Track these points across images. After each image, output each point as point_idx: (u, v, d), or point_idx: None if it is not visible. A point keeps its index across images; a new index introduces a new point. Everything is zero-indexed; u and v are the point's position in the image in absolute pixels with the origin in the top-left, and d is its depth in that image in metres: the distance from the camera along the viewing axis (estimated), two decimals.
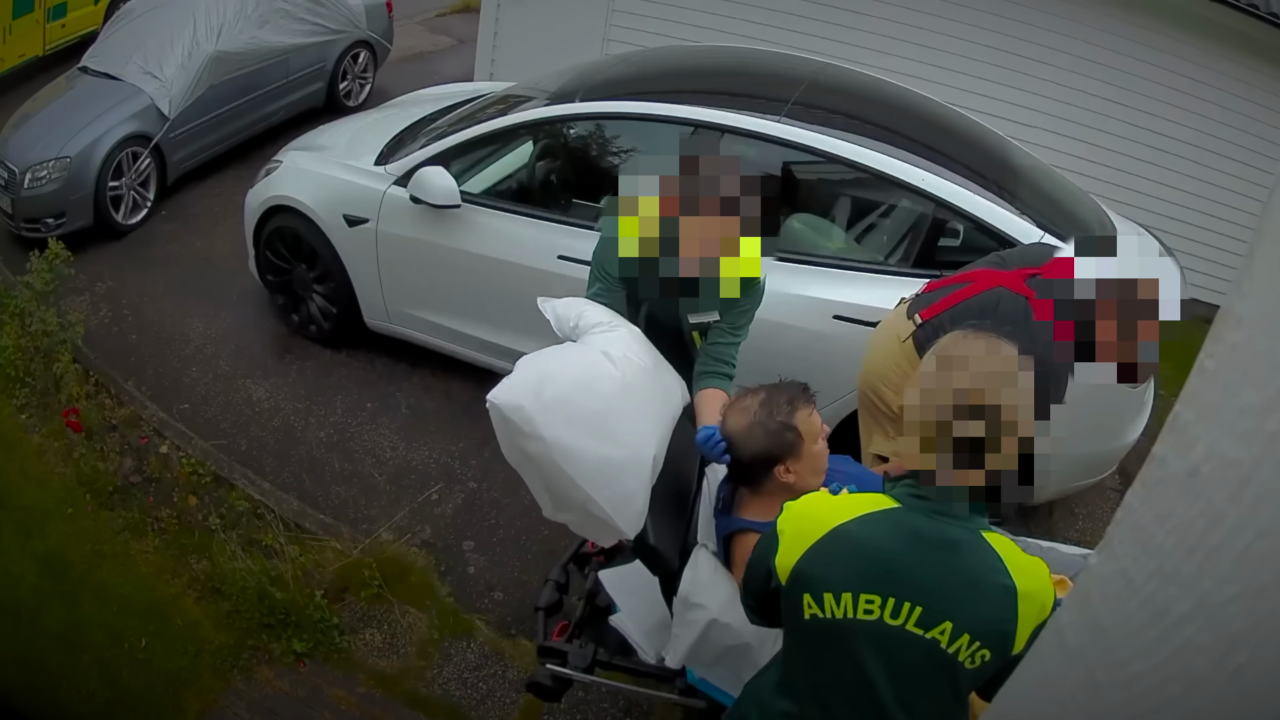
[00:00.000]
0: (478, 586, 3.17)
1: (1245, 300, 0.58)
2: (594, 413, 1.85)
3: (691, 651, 1.94)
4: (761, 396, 1.91)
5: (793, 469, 1.88)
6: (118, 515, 3.31)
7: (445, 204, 3.48)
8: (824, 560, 1.42)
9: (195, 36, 5.18)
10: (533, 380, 1.83)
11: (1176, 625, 0.61)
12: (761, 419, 1.87)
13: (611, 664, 2.26)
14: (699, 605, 1.90)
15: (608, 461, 1.83)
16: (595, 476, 1.81)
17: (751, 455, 1.90)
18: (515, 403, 1.78)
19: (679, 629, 1.95)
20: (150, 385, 3.93)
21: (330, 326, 4.10)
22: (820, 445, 1.91)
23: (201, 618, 2.98)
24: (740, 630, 1.86)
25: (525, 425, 1.77)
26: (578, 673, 2.22)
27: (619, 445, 1.86)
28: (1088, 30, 5.25)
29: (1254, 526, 0.55)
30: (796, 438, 1.86)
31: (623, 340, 2.09)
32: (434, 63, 7.55)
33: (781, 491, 1.88)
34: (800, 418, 1.87)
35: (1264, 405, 0.54)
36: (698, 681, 2.09)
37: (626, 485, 1.85)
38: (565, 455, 1.79)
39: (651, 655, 2.16)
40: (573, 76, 3.79)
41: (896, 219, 3.27)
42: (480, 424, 3.83)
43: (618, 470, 1.85)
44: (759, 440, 1.87)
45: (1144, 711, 0.65)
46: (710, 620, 1.88)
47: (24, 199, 4.61)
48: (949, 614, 1.36)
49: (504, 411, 1.78)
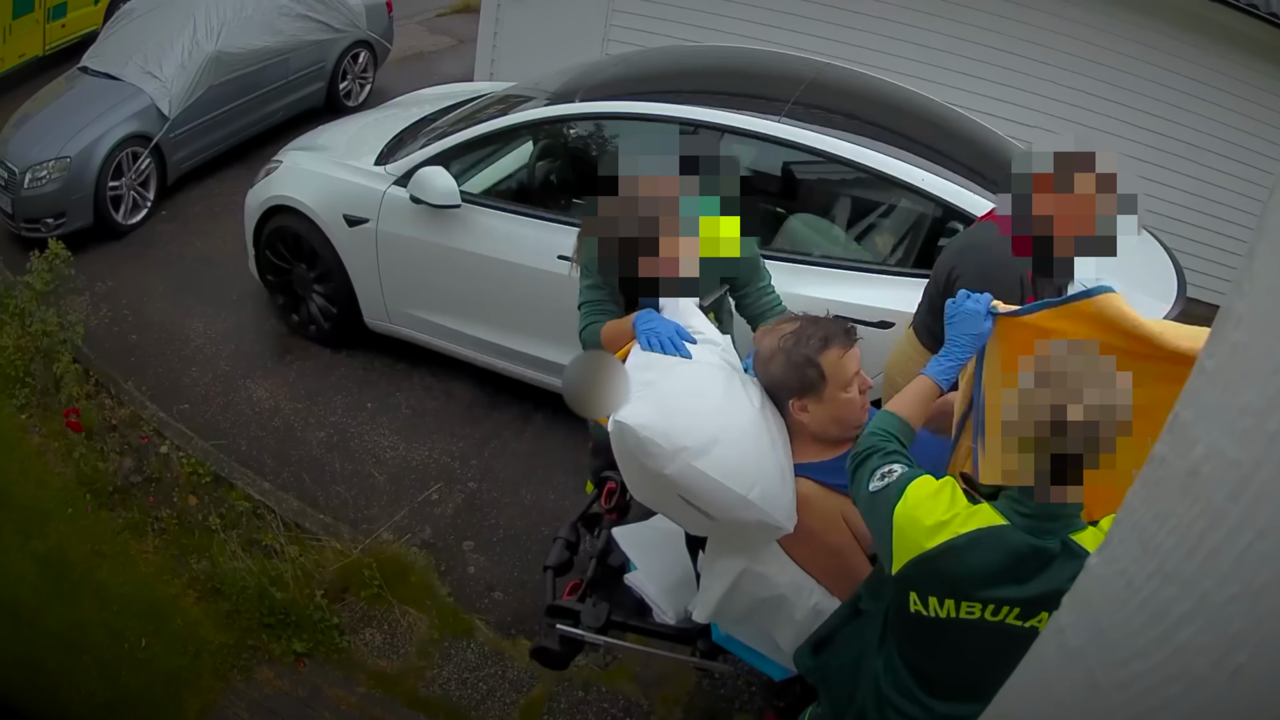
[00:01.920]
0: (478, 586, 3.17)
1: (1245, 300, 0.58)
2: (714, 412, 1.74)
3: (722, 604, 1.84)
4: (797, 325, 1.82)
5: (810, 409, 1.79)
6: (118, 515, 3.31)
7: (445, 204, 3.48)
8: (929, 572, 1.48)
9: (195, 36, 5.18)
10: (653, 395, 1.72)
11: (1176, 625, 0.61)
12: (787, 347, 1.78)
13: (627, 625, 2.14)
14: (731, 553, 1.80)
15: (743, 458, 1.70)
16: (740, 476, 1.68)
17: (769, 381, 1.81)
18: (645, 420, 1.65)
19: (709, 579, 1.86)
20: (150, 385, 3.93)
21: (330, 326, 4.10)
22: (850, 394, 1.79)
23: (201, 618, 2.98)
24: (775, 580, 1.77)
25: (662, 441, 1.64)
26: (591, 633, 2.09)
27: (745, 438, 1.73)
28: (1088, 30, 5.25)
29: (1254, 526, 0.55)
30: (819, 377, 1.76)
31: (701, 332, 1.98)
32: (434, 63, 7.55)
33: (798, 431, 1.80)
34: (829, 358, 1.76)
35: (1264, 405, 0.54)
36: (723, 639, 1.98)
37: (768, 475, 1.72)
38: (707, 464, 1.66)
39: (671, 615, 2.06)
40: (573, 76, 3.79)
41: (896, 219, 3.27)
42: (480, 424, 3.87)
43: (754, 464, 1.71)
44: (778, 368, 1.79)
45: (1144, 711, 0.65)
46: (743, 570, 1.78)
47: (24, 199, 4.61)
48: (1047, 608, 1.40)
49: (636, 432, 1.64)
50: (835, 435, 1.81)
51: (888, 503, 1.49)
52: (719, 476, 1.65)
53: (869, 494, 1.53)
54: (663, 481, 1.69)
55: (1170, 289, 3.34)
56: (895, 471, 1.52)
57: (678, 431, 1.65)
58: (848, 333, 1.80)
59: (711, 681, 2.88)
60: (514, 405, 3.89)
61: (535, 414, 3.85)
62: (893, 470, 1.53)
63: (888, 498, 1.50)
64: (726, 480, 1.66)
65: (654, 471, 1.67)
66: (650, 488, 1.76)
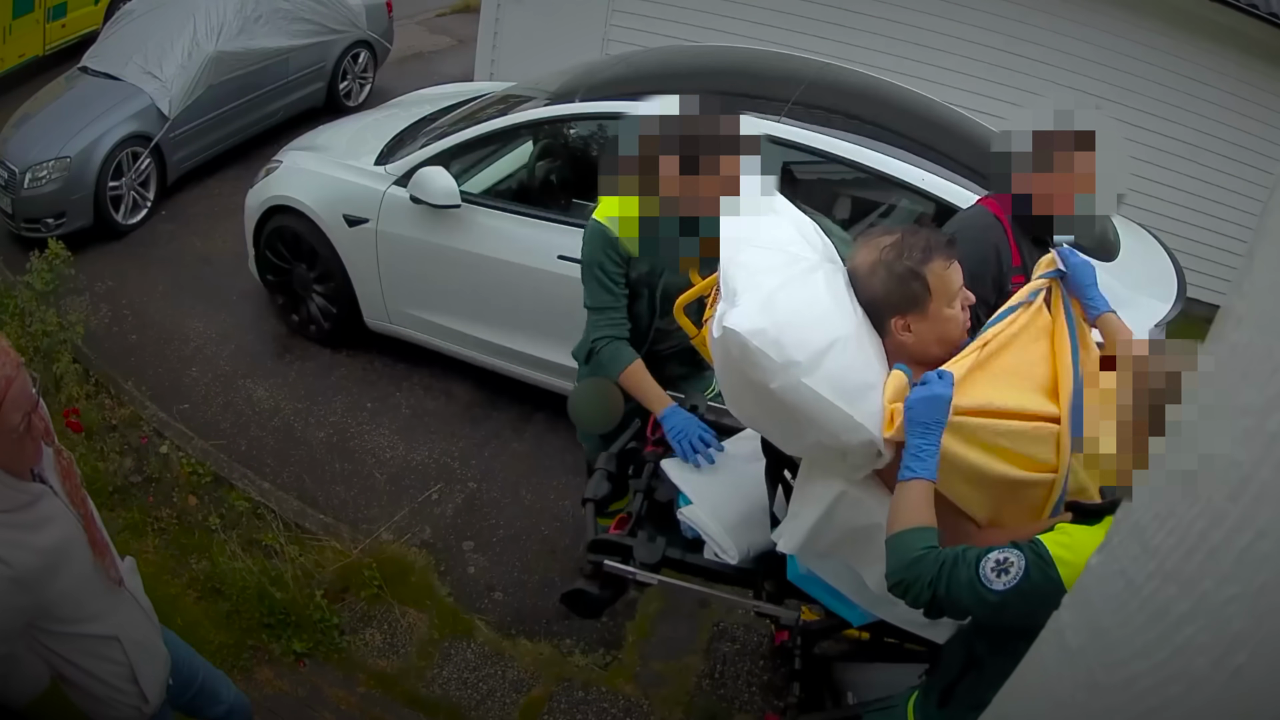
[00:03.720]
0: (478, 586, 3.17)
1: (1245, 300, 0.58)
2: (823, 321, 1.57)
3: (811, 533, 1.68)
4: (896, 236, 1.66)
5: (913, 327, 1.65)
6: (118, 515, 3.30)
7: (445, 204, 3.48)
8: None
9: (195, 36, 5.18)
10: (761, 297, 1.54)
11: (1176, 625, 0.61)
12: (888, 259, 1.63)
13: (685, 562, 1.96)
14: (828, 475, 1.65)
15: (852, 375, 1.55)
16: (849, 394, 1.52)
17: (869, 298, 1.66)
18: (755, 326, 1.49)
19: (800, 504, 1.71)
20: (150, 385, 3.93)
21: (330, 326, 4.10)
22: (955, 310, 1.65)
23: (201, 618, 2.97)
24: (872, 507, 1.62)
25: (773, 352, 1.49)
26: (644, 571, 1.92)
27: (854, 352, 1.59)
28: (1087, 30, 5.26)
29: (1254, 526, 0.55)
30: (923, 290, 1.62)
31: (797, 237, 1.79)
32: (434, 63, 7.55)
33: (898, 352, 1.66)
34: (934, 269, 1.61)
35: (1264, 405, 0.54)
36: (801, 578, 1.82)
37: (875, 395, 1.57)
38: (817, 380, 1.50)
39: (733, 554, 1.90)
40: (573, 76, 3.79)
41: (896, 219, 3.27)
42: (480, 424, 3.87)
43: (863, 381, 1.57)
44: (880, 282, 1.64)
45: (1144, 711, 0.65)
46: (840, 493, 1.63)
47: (24, 199, 4.61)
48: None
49: (745, 341, 1.49)
50: (936, 356, 1.65)
51: (1042, 585, 1.30)
52: (829, 394, 1.50)
53: (997, 595, 1.34)
54: (765, 396, 1.54)
55: (1170, 289, 3.34)
56: (1009, 559, 1.34)
57: (790, 342, 1.50)
58: (950, 243, 1.66)
59: (711, 681, 2.88)
60: (514, 405, 3.89)
61: (535, 414, 3.85)
62: (1007, 559, 1.35)
63: (1038, 582, 1.31)
64: (835, 399, 1.51)
65: (758, 385, 1.53)
66: (749, 401, 1.62)
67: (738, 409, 1.70)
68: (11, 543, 1.45)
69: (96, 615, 1.62)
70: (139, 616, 1.75)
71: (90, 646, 1.62)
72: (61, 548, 1.53)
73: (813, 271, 1.67)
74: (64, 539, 1.54)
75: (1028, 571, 1.32)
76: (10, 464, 1.47)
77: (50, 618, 1.55)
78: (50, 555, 1.50)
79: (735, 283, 1.60)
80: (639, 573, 1.92)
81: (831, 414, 1.52)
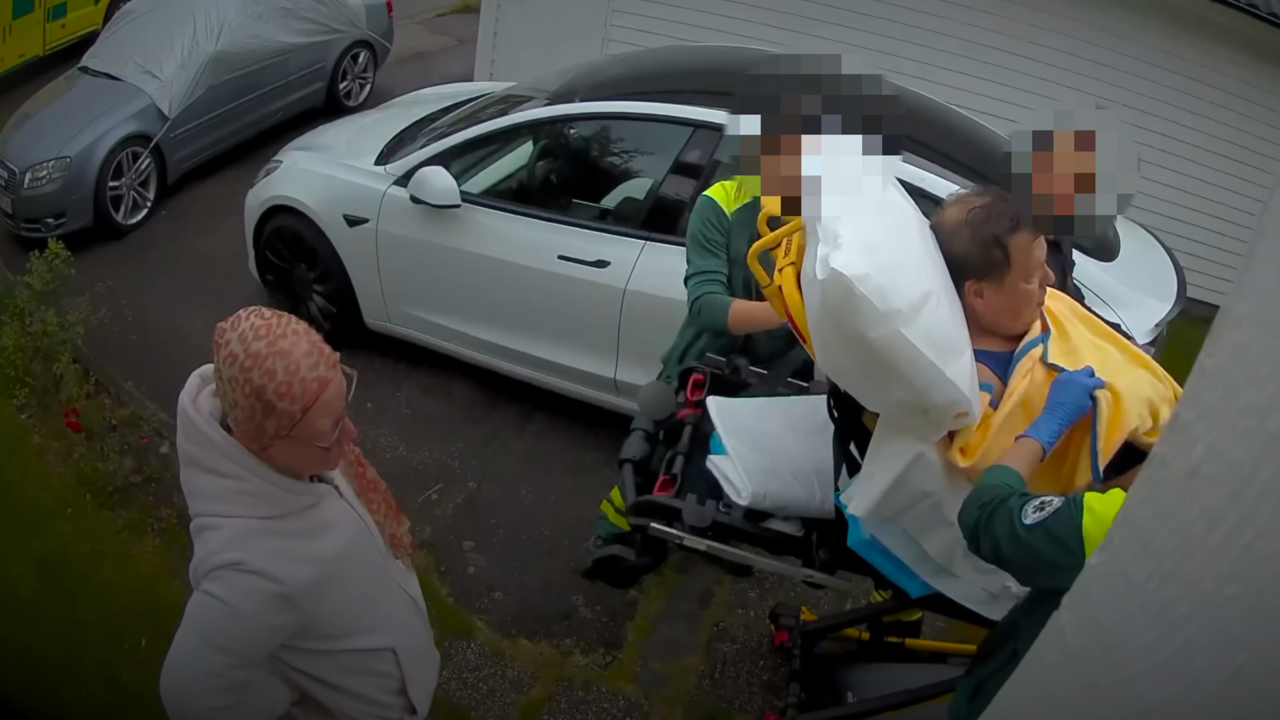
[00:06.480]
0: (478, 586, 3.17)
1: (1245, 300, 0.58)
2: (919, 271, 1.53)
3: (885, 496, 1.62)
4: (989, 200, 1.65)
5: (985, 294, 1.63)
6: (118, 515, 3.31)
7: (445, 204, 3.48)
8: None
9: (195, 36, 5.18)
10: (862, 242, 1.47)
11: (1176, 625, 0.61)
12: (975, 221, 1.62)
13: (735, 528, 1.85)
14: (905, 435, 1.59)
15: (944, 329, 1.51)
16: (941, 349, 1.48)
17: (948, 253, 1.64)
18: (862, 271, 1.42)
19: (874, 465, 1.66)
20: (150, 385, 3.92)
21: (330, 326, 4.09)
22: (1031, 286, 1.62)
23: None
24: (942, 474, 1.59)
25: (877, 300, 1.42)
26: (692, 535, 1.84)
27: (945, 306, 1.54)
28: (1088, 30, 5.26)
29: (1254, 526, 0.55)
30: (1003, 259, 1.60)
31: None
32: (434, 63, 7.55)
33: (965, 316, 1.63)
34: (1018, 241, 1.60)
35: (1264, 405, 0.54)
36: (862, 544, 1.74)
37: (962, 352, 1.53)
38: (914, 332, 1.45)
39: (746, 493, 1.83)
40: (573, 76, 3.79)
41: None
42: (480, 424, 3.87)
43: (954, 337, 1.53)
44: (962, 243, 1.63)
45: (1144, 711, 0.65)
46: (917, 454, 1.58)
47: (24, 199, 4.61)
48: None
49: (851, 286, 1.41)
50: (1004, 330, 1.64)
51: (1066, 524, 1.31)
52: (923, 347, 1.45)
53: (1025, 529, 1.35)
54: (859, 345, 1.47)
55: (1170, 289, 3.34)
56: (1052, 501, 1.36)
57: (893, 290, 1.43)
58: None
59: (711, 681, 2.88)
60: (514, 405, 3.89)
61: (535, 414, 3.85)
62: (1050, 501, 1.36)
63: (1064, 520, 1.32)
64: (929, 352, 1.46)
65: (855, 334, 1.46)
66: (840, 350, 1.55)
67: (824, 356, 1.63)
68: (282, 554, 1.25)
69: (370, 628, 1.42)
70: (415, 620, 1.57)
71: (354, 662, 1.42)
72: (342, 557, 1.33)
73: (907, 221, 1.64)
74: (345, 547, 1.35)
75: (1058, 511, 1.33)
76: (298, 468, 1.30)
77: (309, 635, 1.33)
78: (328, 566, 1.30)
79: (835, 224, 1.51)
80: (686, 536, 1.85)
81: (926, 369, 1.46)
